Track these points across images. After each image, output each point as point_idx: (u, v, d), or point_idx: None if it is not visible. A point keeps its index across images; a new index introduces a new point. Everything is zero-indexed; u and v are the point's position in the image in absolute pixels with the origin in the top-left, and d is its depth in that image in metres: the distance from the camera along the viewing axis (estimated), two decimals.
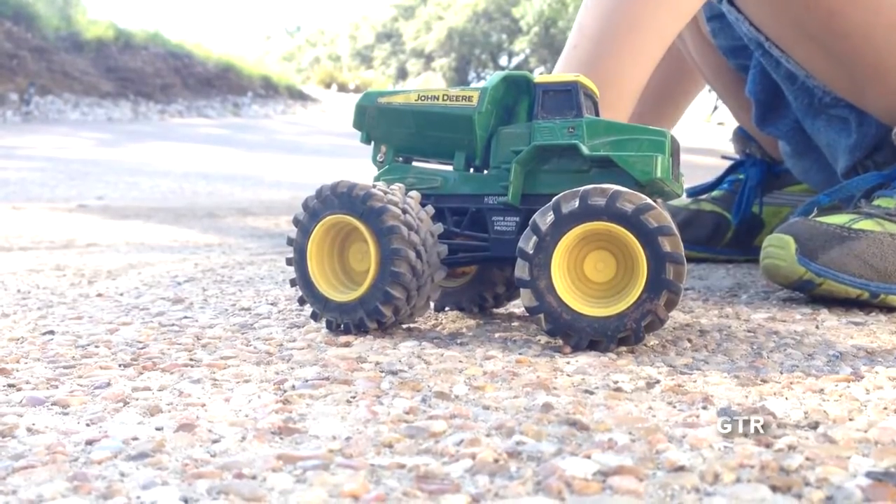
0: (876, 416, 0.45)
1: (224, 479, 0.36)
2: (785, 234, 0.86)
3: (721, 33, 1.18)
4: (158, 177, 4.06)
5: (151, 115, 8.65)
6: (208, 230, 2.00)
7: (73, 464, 0.38)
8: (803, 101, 1.06)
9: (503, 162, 0.69)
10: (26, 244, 1.61)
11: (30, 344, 0.66)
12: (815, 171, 1.18)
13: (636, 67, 0.88)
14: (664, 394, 0.50)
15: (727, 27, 1.15)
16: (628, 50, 0.88)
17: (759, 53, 1.06)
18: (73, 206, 2.65)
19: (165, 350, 0.63)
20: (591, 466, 0.37)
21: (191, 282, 1.04)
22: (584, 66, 0.86)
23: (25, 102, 7.88)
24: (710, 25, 1.18)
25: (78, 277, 1.09)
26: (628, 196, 0.59)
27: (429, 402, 0.48)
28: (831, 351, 0.63)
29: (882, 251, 0.83)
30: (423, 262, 0.65)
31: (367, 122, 0.75)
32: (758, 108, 1.18)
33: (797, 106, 1.08)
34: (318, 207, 0.67)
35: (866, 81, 0.99)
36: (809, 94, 1.05)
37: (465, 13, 21.83)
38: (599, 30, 0.88)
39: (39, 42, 8.56)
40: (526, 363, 0.58)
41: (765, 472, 0.36)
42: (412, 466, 0.38)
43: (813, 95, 1.05)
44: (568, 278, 0.62)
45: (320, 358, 0.59)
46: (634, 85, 0.89)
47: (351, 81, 14.15)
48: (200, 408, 0.47)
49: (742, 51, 1.17)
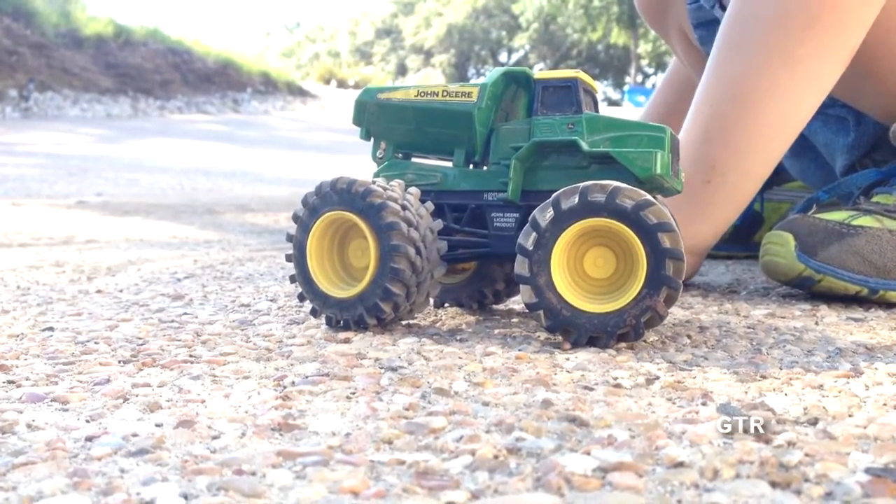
0: (875, 412, 0.45)
1: (224, 475, 0.36)
2: (784, 230, 0.86)
3: (709, 40, 1.18)
4: (158, 173, 4.06)
5: (151, 112, 8.65)
6: (208, 226, 2.00)
7: (73, 460, 0.38)
8: None
9: (503, 158, 0.69)
10: (26, 240, 1.61)
11: (29, 340, 0.66)
12: (813, 170, 1.18)
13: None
14: (664, 390, 0.50)
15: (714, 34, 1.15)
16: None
17: None
18: (72, 202, 2.65)
19: (165, 346, 0.63)
20: (590, 463, 0.37)
21: (190, 278, 1.04)
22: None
23: (25, 98, 7.87)
24: (698, 33, 1.18)
25: (77, 274, 1.09)
26: (628, 192, 0.59)
27: (428, 399, 0.48)
28: (831, 347, 0.63)
29: (881, 247, 0.83)
30: (422, 259, 0.65)
31: (367, 119, 0.75)
32: None
33: None
34: (317, 204, 0.67)
35: (862, 82, 0.98)
36: None
37: (464, 9, 21.82)
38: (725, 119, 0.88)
39: (39, 38, 8.55)
40: (525, 359, 0.58)
41: (764, 469, 0.36)
42: (412, 462, 0.38)
43: None
44: (567, 275, 0.62)
45: (320, 354, 0.59)
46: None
47: (350, 77, 14.14)
48: (200, 404, 0.47)
49: None
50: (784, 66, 0.85)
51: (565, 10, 19.63)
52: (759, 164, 0.89)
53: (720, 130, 0.87)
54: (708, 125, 0.88)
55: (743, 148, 0.87)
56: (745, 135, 0.87)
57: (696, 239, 0.90)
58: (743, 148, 0.87)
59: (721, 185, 0.88)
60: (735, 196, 0.90)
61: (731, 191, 0.89)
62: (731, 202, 0.90)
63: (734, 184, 0.89)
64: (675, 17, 1.22)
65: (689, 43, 1.23)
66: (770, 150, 0.89)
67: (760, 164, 0.89)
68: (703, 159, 0.88)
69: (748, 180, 0.90)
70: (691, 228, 0.87)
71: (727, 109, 0.87)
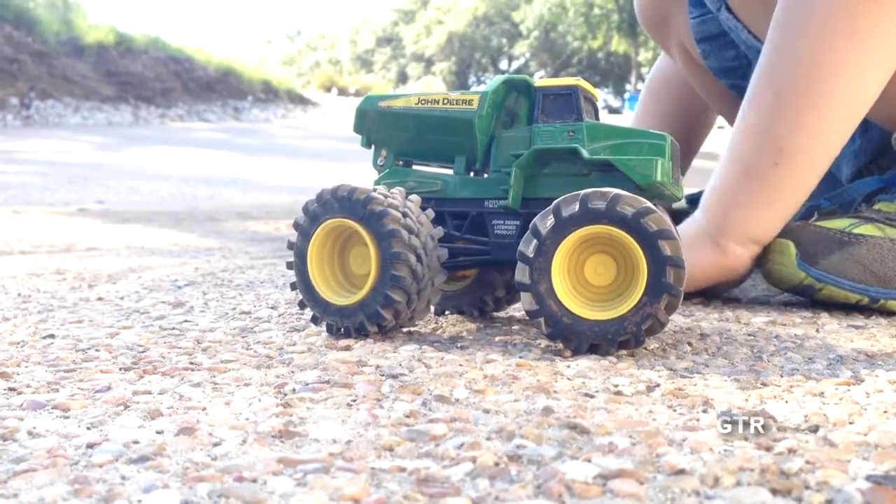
0: (876, 419, 0.45)
1: (225, 482, 0.36)
2: (785, 238, 0.86)
3: (712, 55, 1.18)
4: (159, 181, 4.06)
5: (152, 119, 8.66)
6: (208, 234, 2.00)
7: (74, 467, 0.38)
8: None
9: (503, 166, 0.69)
10: (27, 248, 1.61)
11: (30, 348, 0.66)
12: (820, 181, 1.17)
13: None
14: (664, 397, 0.50)
15: (717, 49, 1.15)
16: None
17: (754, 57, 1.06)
18: (73, 210, 2.65)
19: (166, 354, 0.63)
20: (591, 470, 0.37)
21: (191, 286, 1.05)
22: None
23: (26, 106, 7.89)
24: (701, 48, 1.18)
25: (78, 281, 1.09)
26: (628, 200, 0.59)
27: (429, 406, 0.48)
28: (831, 354, 0.63)
29: (882, 256, 0.83)
30: (423, 266, 0.65)
31: (368, 126, 0.75)
32: None
33: None
34: (318, 211, 0.67)
35: None
36: None
37: (465, 17, 21.87)
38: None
39: (40, 46, 8.58)
40: (526, 367, 0.58)
41: (765, 476, 0.36)
42: (413, 470, 0.38)
43: None
44: (568, 282, 0.62)
45: (321, 361, 0.59)
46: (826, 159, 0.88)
47: (351, 85, 14.16)
48: (201, 411, 0.47)
49: (733, 71, 1.17)
50: (848, 42, 0.82)
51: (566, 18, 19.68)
52: (829, 145, 0.87)
53: (786, 112, 0.85)
54: (774, 108, 0.85)
55: (812, 129, 0.84)
56: (814, 115, 0.84)
57: (760, 226, 0.88)
58: (812, 129, 0.84)
59: (790, 168, 0.85)
60: (804, 179, 0.87)
61: (801, 174, 0.86)
62: (800, 186, 0.88)
63: (803, 166, 0.86)
64: (676, 31, 1.23)
65: (689, 56, 1.23)
66: (839, 129, 0.86)
67: (830, 144, 0.87)
68: (770, 143, 0.85)
69: (818, 162, 0.87)
70: (755, 214, 0.86)
71: (793, 91, 0.85)
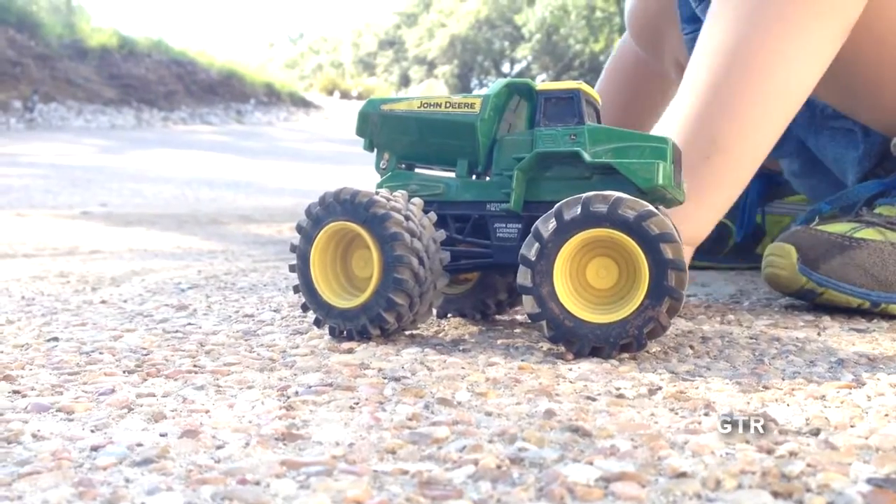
0: (877, 422, 0.45)
1: (228, 484, 0.36)
2: (786, 242, 0.86)
3: None
4: (161, 184, 4.07)
5: (154, 123, 8.67)
6: (211, 237, 2.00)
7: (79, 470, 0.39)
8: (804, 117, 1.04)
9: (505, 169, 0.69)
10: (30, 251, 1.61)
11: (34, 350, 0.66)
12: (824, 188, 1.16)
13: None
14: (666, 400, 0.50)
15: None
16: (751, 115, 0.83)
17: None
18: (76, 212, 2.66)
19: (169, 356, 0.63)
20: (593, 473, 0.37)
21: (194, 288, 1.05)
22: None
23: (29, 109, 7.89)
24: None
25: (82, 284, 1.09)
26: (630, 203, 0.59)
27: (431, 409, 0.48)
28: (833, 358, 0.63)
29: (883, 260, 0.83)
30: (425, 269, 0.66)
31: (370, 130, 0.75)
32: None
33: (798, 123, 1.08)
34: (321, 214, 0.68)
35: (863, 96, 0.98)
36: (809, 109, 1.03)
37: (467, 20, 21.87)
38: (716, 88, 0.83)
39: (43, 49, 8.58)
40: (528, 370, 0.58)
41: (766, 479, 0.36)
42: (415, 472, 0.38)
43: (814, 108, 1.04)
44: (570, 285, 0.62)
45: (323, 364, 0.60)
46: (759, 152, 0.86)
47: (354, 88, 14.16)
48: (204, 414, 0.48)
49: None
50: (783, 32, 0.81)
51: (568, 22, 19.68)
52: (763, 137, 0.84)
53: (720, 103, 0.83)
54: (707, 98, 0.83)
55: (746, 120, 0.83)
56: (748, 106, 0.82)
57: (691, 224, 0.82)
58: (746, 120, 0.83)
59: (723, 160, 0.82)
60: (738, 172, 0.85)
61: (735, 167, 0.84)
62: (734, 180, 0.85)
63: (737, 159, 0.83)
64: (670, 48, 1.22)
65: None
66: (774, 121, 0.84)
67: (764, 136, 0.84)
68: (702, 134, 0.82)
69: (752, 155, 0.85)
70: (683, 213, 0.77)
71: (727, 81, 0.83)
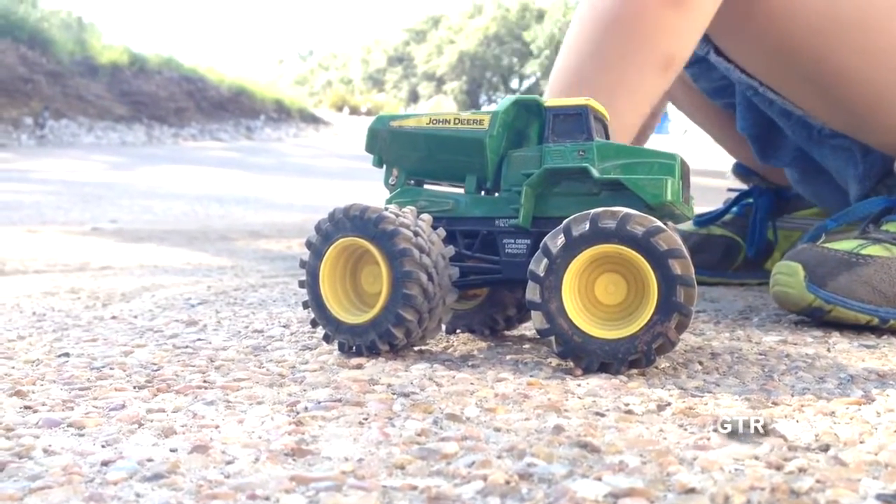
0: (886, 438, 0.45)
1: (238, 500, 0.37)
2: (793, 261, 0.86)
3: (702, 77, 1.19)
4: (172, 200, 4.08)
5: (165, 139, 8.72)
6: (221, 253, 2.01)
7: (89, 485, 0.39)
8: (802, 134, 1.06)
9: (514, 185, 0.69)
10: (41, 267, 1.62)
11: (45, 366, 0.67)
12: (828, 192, 1.17)
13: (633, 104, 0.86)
14: (675, 416, 0.50)
15: (706, 71, 1.15)
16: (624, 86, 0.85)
17: (751, 94, 1.06)
18: (87, 229, 2.67)
19: (179, 372, 0.64)
20: (601, 488, 0.37)
21: (204, 304, 1.05)
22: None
23: (40, 126, 7.95)
24: (690, 72, 1.18)
25: (92, 300, 1.10)
26: (639, 219, 0.59)
27: (440, 424, 0.49)
28: (842, 374, 0.63)
29: (890, 276, 0.83)
30: (434, 285, 0.66)
31: (380, 146, 0.75)
32: (754, 143, 1.18)
33: (796, 138, 1.08)
34: (330, 230, 0.68)
35: (863, 118, 0.99)
36: (807, 128, 1.05)
37: (476, 37, 21.96)
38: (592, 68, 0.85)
39: (54, 66, 8.65)
40: (537, 385, 0.58)
41: (775, 495, 0.36)
42: (424, 488, 0.38)
43: (811, 128, 1.05)
44: (579, 301, 0.62)
45: (332, 380, 0.60)
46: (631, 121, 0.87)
47: (363, 104, 14.22)
48: (214, 429, 0.48)
49: (724, 90, 1.17)
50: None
51: None
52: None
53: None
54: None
55: None
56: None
57: None
58: None
59: None
60: None
61: None
62: None
63: None
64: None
65: (687, 85, 1.24)
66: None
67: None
68: None
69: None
70: None
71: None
